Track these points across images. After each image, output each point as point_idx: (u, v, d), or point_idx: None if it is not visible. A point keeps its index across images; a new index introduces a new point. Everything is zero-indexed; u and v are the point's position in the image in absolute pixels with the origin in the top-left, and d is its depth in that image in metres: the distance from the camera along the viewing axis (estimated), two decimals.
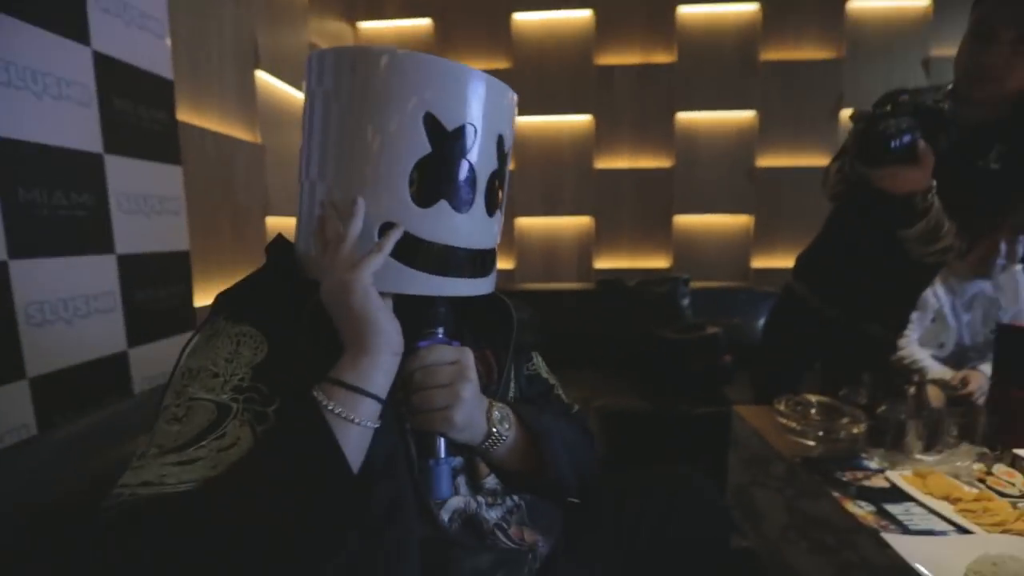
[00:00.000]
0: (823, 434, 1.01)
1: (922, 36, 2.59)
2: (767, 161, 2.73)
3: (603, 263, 2.86)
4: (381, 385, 0.51)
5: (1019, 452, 0.87)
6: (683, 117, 2.74)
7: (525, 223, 2.86)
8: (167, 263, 1.49)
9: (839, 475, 0.87)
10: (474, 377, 0.57)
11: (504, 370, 0.67)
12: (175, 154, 1.50)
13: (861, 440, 0.98)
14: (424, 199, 0.54)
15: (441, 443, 0.57)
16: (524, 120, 2.74)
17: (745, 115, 2.73)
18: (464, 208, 0.56)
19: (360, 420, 0.49)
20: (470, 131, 0.55)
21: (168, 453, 0.47)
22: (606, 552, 0.71)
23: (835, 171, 1.19)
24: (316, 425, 0.47)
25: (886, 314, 1.26)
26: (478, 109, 0.55)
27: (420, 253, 0.55)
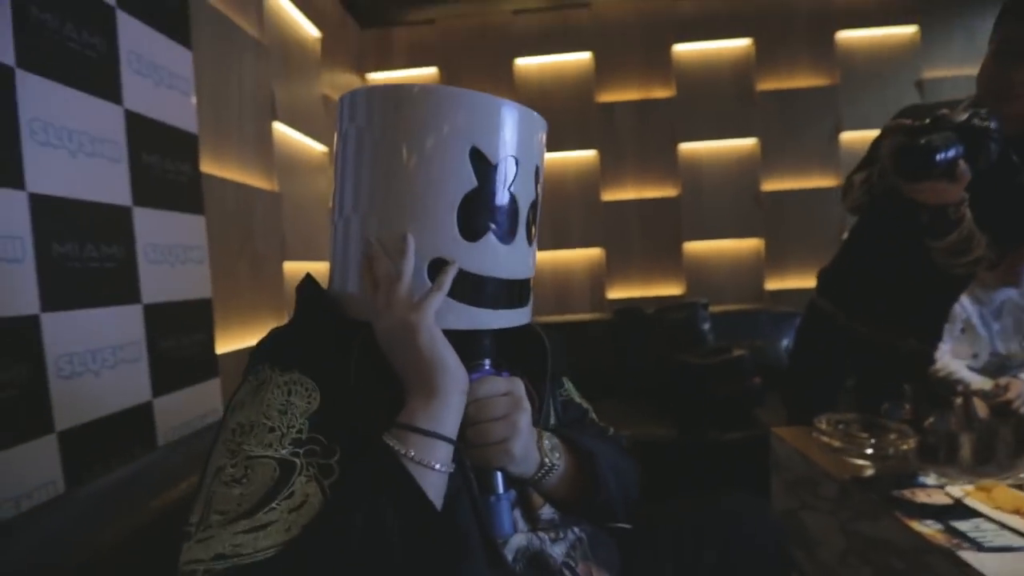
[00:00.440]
0: (872, 452, 0.98)
1: (913, 60, 2.67)
2: (772, 185, 2.78)
3: (616, 293, 2.87)
4: (453, 427, 0.50)
5: None
6: (685, 147, 2.80)
7: (536, 257, 2.87)
8: (190, 311, 1.50)
9: (896, 493, 0.84)
10: (528, 406, 0.56)
11: (544, 398, 0.66)
12: (199, 204, 1.54)
13: (912, 456, 0.95)
14: (471, 233, 0.54)
15: (499, 477, 0.55)
16: None
17: (746, 142, 2.79)
18: (508, 240, 0.56)
19: (439, 465, 0.48)
20: (512, 164, 0.56)
21: (236, 520, 0.44)
22: None
23: (860, 182, 1.19)
24: (396, 475, 0.46)
25: (918, 327, 1.25)
26: (519, 142, 0.57)
27: (467, 287, 0.54)
